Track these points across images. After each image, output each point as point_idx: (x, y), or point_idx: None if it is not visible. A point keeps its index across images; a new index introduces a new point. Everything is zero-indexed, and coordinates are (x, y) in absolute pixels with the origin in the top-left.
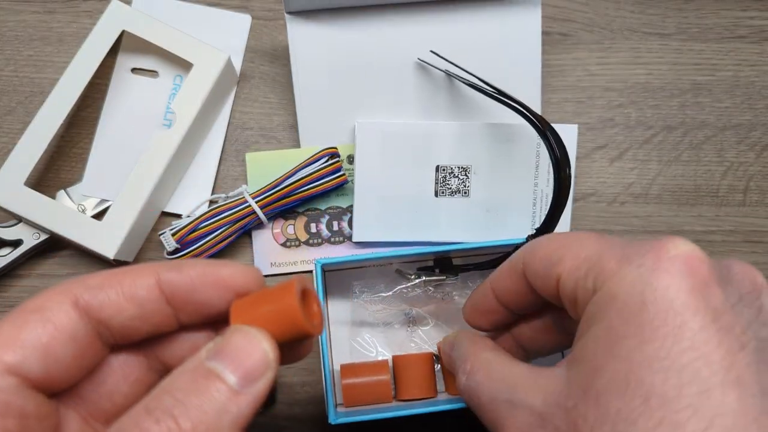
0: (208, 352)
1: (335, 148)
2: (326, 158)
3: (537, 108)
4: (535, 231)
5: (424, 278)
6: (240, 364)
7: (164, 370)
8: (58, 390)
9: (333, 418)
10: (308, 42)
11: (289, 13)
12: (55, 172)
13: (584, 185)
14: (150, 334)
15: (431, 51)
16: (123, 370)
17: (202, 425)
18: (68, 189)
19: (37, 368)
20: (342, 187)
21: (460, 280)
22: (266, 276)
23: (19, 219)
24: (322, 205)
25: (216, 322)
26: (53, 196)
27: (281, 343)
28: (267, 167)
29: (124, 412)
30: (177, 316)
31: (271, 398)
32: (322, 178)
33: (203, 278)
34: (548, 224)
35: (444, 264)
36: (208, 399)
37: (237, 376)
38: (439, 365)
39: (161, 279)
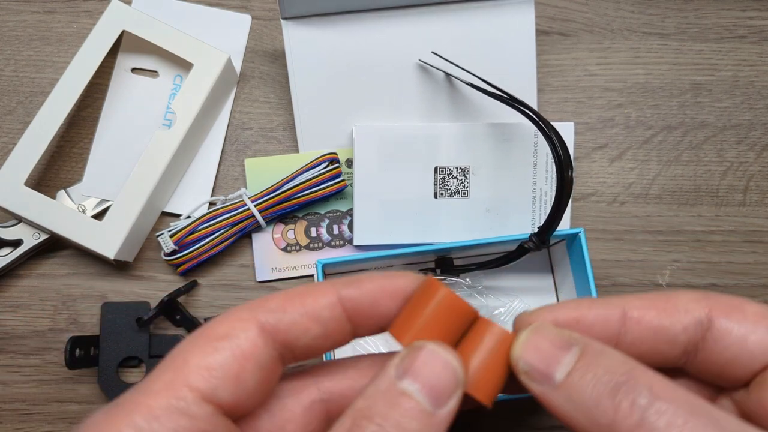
0: (396, 369)
1: (335, 153)
2: (326, 164)
3: (533, 105)
4: (537, 230)
5: None
6: (431, 383)
7: (328, 398)
8: (243, 415)
9: None
10: (305, 47)
11: (285, 18)
12: (55, 172)
13: (584, 185)
14: (328, 350)
15: (432, 52)
16: (293, 398)
17: None
18: (68, 189)
19: (228, 395)
20: (341, 192)
21: (461, 281)
22: (267, 281)
23: (19, 219)
24: (322, 209)
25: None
26: (53, 196)
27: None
28: (266, 172)
29: None
30: (354, 331)
31: None
32: (321, 184)
33: (382, 291)
34: (551, 224)
35: (445, 264)
36: (408, 424)
37: (430, 397)
38: None
39: (342, 296)
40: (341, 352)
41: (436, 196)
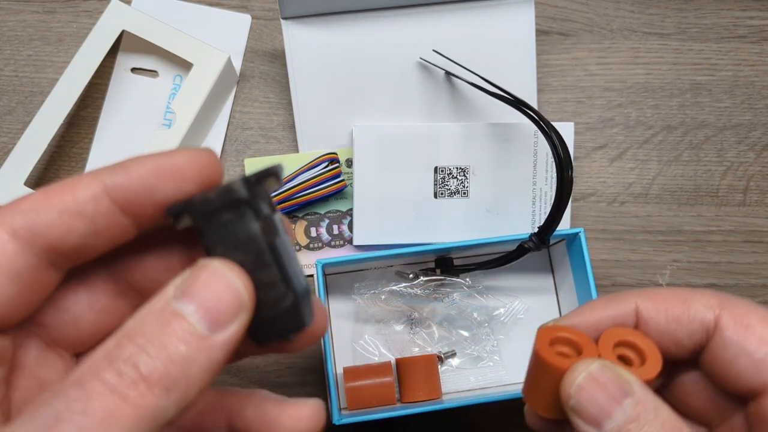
0: (176, 289)
1: (335, 153)
2: (326, 163)
3: (533, 105)
4: (537, 230)
5: (423, 278)
6: (209, 305)
7: (136, 296)
8: (11, 326)
9: (337, 419)
10: (305, 47)
11: (285, 18)
12: (55, 172)
13: (584, 185)
14: (109, 248)
15: (434, 50)
16: (89, 297)
17: (169, 377)
18: None
19: None
20: (341, 192)
21: (461, 281)
22: None
23: None
24: (322, 209)
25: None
26: None
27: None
28: None
29: (91, 341)
30: (136, 223)
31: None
32: (321, 183)
33: (157, 174)
34: (551, 224)
35: (445, 264)
36: (174, 347)
37: (206, 320)
38: (443, 366)
39: (108, 186)
40: (341, 355)
41: (436, 196)
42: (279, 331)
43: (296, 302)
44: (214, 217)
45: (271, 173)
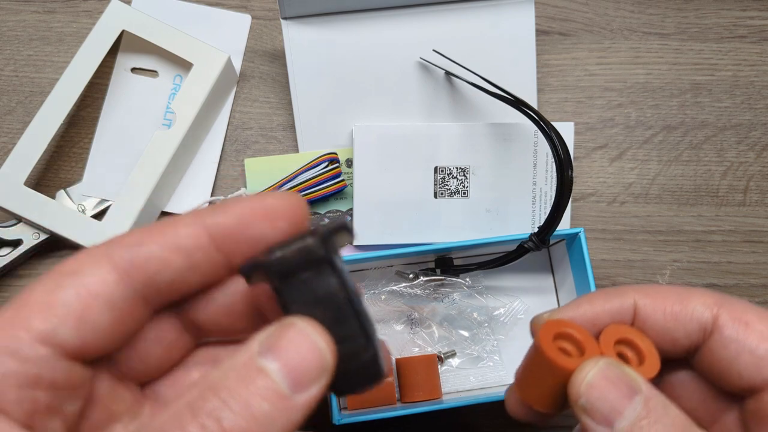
0: (260, 345)
1: (335, 153)
2: (326, 164)
3: (533, 105)
4: (537, 230)
5: (423, 278)
6: (294, 365)
7: (198, 332)
8: (96, 357)
9: (337, 419)
10: (305, 47)
11: (285, 18)
12: (55, 172)
13: (584, 185)
14: (200, 286)
15: (434, 50)
16: (155, 333)
17: None
18: (68, 189)
19: (71, 336)
20: (341, 192)
21: (461, 281)
22: None
23: (19, 219)
24: (322, 209)
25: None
26: (53, 196)
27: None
28: (266, 172)
29: (158, 375)
30: (229, 260)
31: None
32: (321, 183)
33: (252, 213)
34: (551, 224)
35: (445, 264)
36: (257, 404)
37: (290, 380)
38: (443, 366)
39: (207, 224)
40: None
41: (436, 196)
42: (359, 383)
43: (376, 354)
44: (291, 276)
45: (343, 227)
